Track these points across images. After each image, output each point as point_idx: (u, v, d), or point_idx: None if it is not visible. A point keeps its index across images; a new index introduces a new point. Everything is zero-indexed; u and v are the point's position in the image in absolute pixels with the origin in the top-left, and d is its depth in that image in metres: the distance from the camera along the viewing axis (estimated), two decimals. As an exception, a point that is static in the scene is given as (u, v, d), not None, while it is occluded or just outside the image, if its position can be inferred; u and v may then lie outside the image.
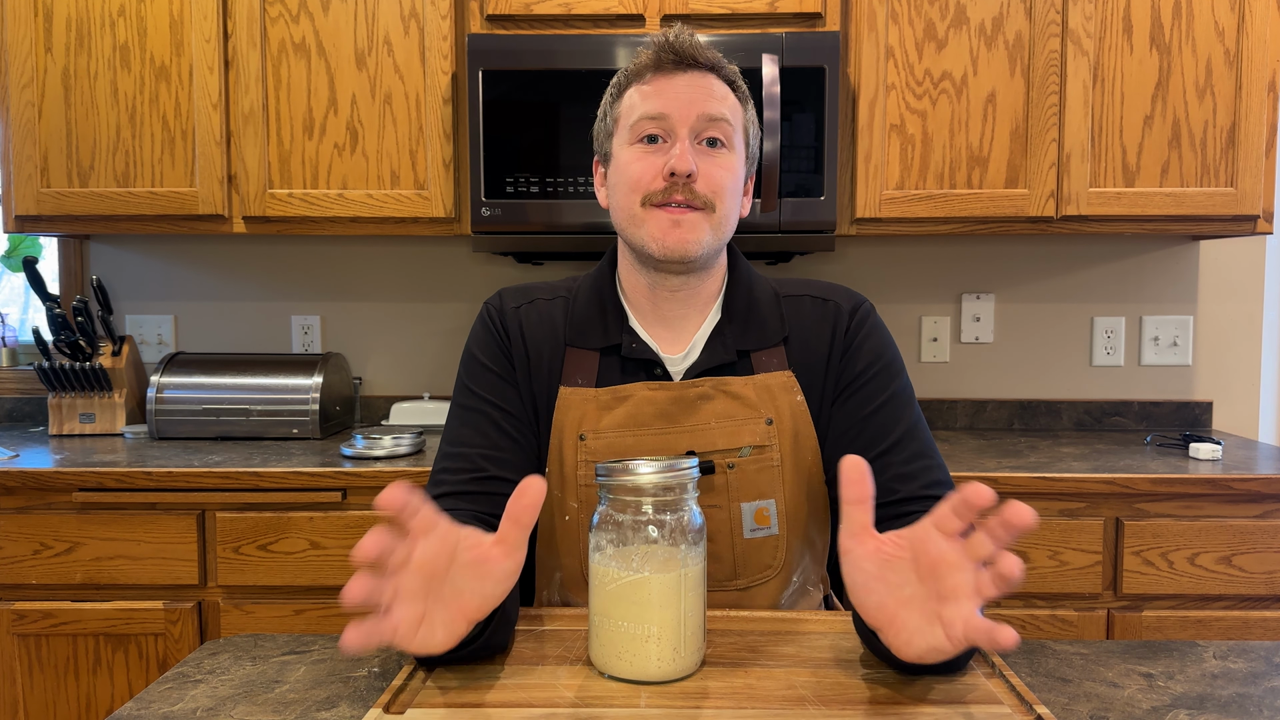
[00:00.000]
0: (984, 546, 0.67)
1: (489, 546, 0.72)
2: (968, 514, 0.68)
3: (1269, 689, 0.81)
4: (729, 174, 1.02)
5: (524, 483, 0.70)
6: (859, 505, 0.72)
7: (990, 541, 0.67)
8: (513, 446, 1.03)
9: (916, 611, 0.71)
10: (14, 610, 1.74)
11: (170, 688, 0.81)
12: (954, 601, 0.69)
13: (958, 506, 0.68)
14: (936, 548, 0.69)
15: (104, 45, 1.99)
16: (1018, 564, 0.65)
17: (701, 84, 1.01)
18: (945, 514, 0.69)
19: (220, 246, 2.37)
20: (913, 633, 0.71)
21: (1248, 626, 1.73)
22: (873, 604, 0.73)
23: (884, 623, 0.73)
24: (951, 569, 0.69)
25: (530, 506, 0.70)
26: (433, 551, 0.70)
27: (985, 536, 0.67)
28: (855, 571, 0.73)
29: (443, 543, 0.71)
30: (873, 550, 0.72)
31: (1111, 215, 1.96)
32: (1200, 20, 1.94)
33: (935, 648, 0.70)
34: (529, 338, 1.07)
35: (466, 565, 0.71)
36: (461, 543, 0.72)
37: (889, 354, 1.06)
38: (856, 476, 0.71)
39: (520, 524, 0.71)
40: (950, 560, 0.69)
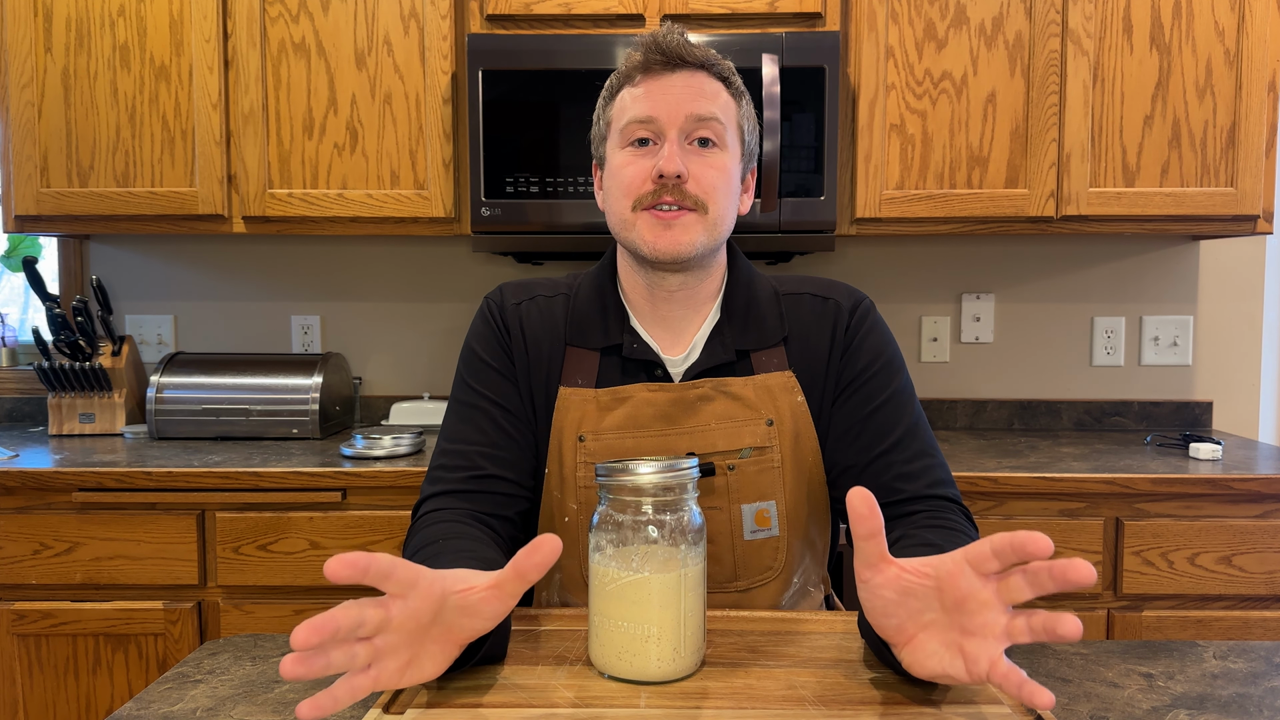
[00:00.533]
0: (1021, 593, 0.64)
1: (482, 590, 0.69)
2: (1012, 558, 0.64)
3: (1269, 689, 0.81)
4: (720, 173, 1.01)
5: (540, 540, 0.68)
6: (871, 540, 0.69)
7: (1029, 589, 0.64)
8: (511, 444, 1.03)
9: (937, 637, 0.70)
10: (14, 610, 1.74)
11: (170, 688, 0.81)
12: (980, 639, 0.67)
13: (1003, 550, 0.64)
14: (967, 584, 0.67)
15: (104, 45, 1.99)
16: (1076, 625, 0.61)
17: (691, 83, 1.00)
18: (984, 554, 0.65)
19: (220, 246, 2.37)
20: (929, 655, 0.70)
21: (1248, 626, 1.73)
22: (892, 626, 0.71)
23: (901, 642, 0.72)
24: (981, 607, 0.66)
25: (540, 565, 0.68)
26: (415, 609, 0.68)
27: (1025, 583, 0.64)
28: (873, 597, 0.71)
29: (426, 598, 0.68)
30: (893, 578, 0.70)
31: (1111, 215, 1.96)
32: (1200, 20, 1.94)
33: (949, 675, 0.68)
34: (529, 335, 1.07)
35: (456, 609, 0.70)
36: (450, 590, 0.69)
37: (889, 352, 1.06)
38: (866, 511, 0.68)
39: (523, 579, 0.68)
40: (981, 599, 0.66)
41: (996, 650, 0.66)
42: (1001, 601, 0.66)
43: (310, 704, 0.62)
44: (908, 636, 0.71)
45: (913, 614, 0.70)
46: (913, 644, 0.71)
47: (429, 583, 0.68)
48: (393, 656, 0.68)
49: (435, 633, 0.70)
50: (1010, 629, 0.65)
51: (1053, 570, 0.62)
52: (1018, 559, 0.64)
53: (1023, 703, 0.62)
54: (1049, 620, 0.62)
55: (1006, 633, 0.66)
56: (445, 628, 0.70)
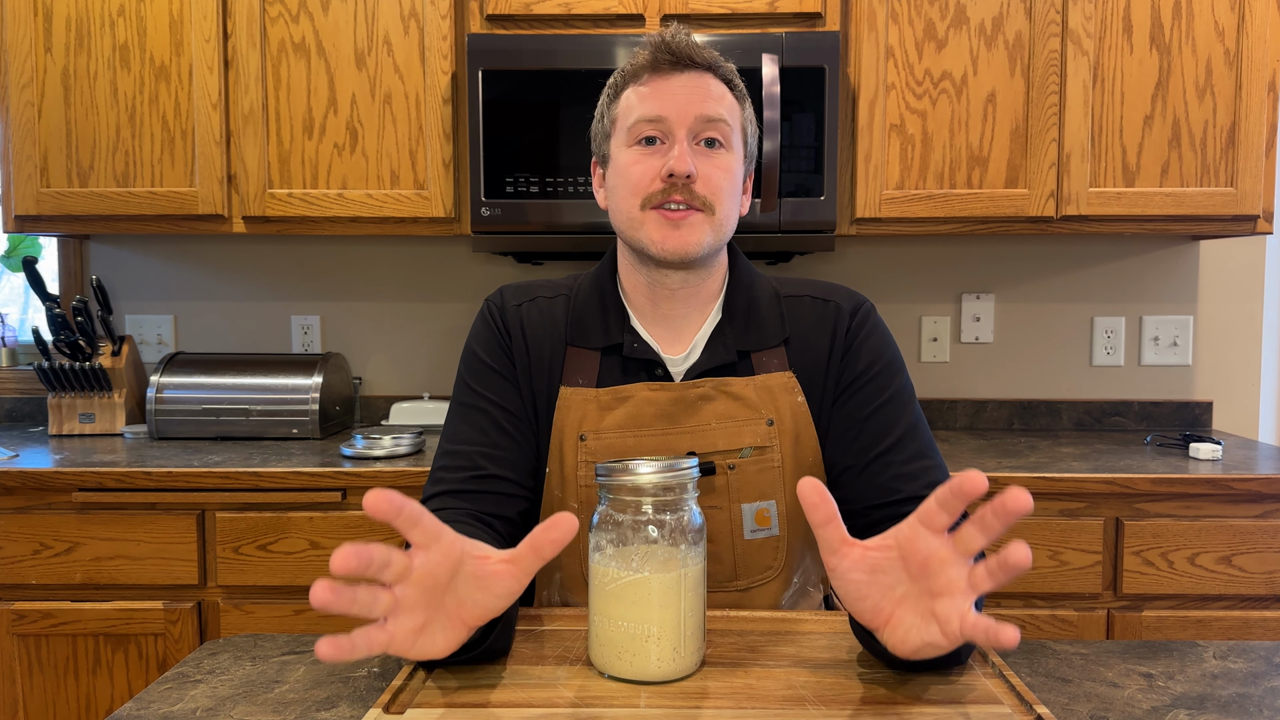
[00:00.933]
0: (974, 540, 0.67)
1: (497, 563, 0.70)
2: (957, 505, 0.66)
3: (1269, 689, 0.81)
4: (727, 174, 1.01)
5: (557, 517, 0.68)
6: (828, 525, 0.70)
7: (981, 534, 0.66)
8: (512, 445, 1.03)
9: (911, 609, 0.71)
10: (14, 610, 1.74)
11: (170, 688, 0.81)
12: (947, 597, 0.68)
13: (945, 498, 0.67)
14: (925, 545, 0.69)
15: (104, 45, 1.99)
16: (1025, 551, 0.63)
17: (699, 84, 1.01)
18: (932, 509, 0.68)
19: (220, 246, 2.37)
20: (908, 630, 0.71)
21: (1248, 626, 1.73)
22: (867, 608, 0.72)
23: (880, 623, 0.73)
24: (943, 565, 0.68)
25: (556, 542, 0.68)
26: (435, 564, 0.68)
27: (975, 530, 0.66)
28: (844, 583, 0.72)
29: (446, 555, 0.69)
30: (858, 559, 0.71)
31: (1111, 215, 1.96)
32: (1200, 20, 1.94)
33: (930, 643, 0.70)
34: (530, 336, 1.07)
35: (471, 577, 0.70)
36: (467, 555, 0.70)
37: (889, 354, 1.06)
38: (817, 499, 0.69)
39: (539, 555, 0.69)
40: (941, 556, 0.68)
41: (965, 605, 0.68)
42: (960, 556, 0.68)
43: (329, 642, 0.63)
44: (885, 616, 0.72)
45: (885, 591, 0.71)
46: (891, 623, 0.72)
47: (450, 540, 0.69)
48: (409, 614, 0.68)
49: (448, 603, 0.70)
50: (973, 580, 0.67)
51: (993, 508, 0.64)
52: (960, 503, 0.66)
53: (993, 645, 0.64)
54: (1000, 556, 0.64)
55: (970, 585, 0.67)
56: (457, 601, 0.71)
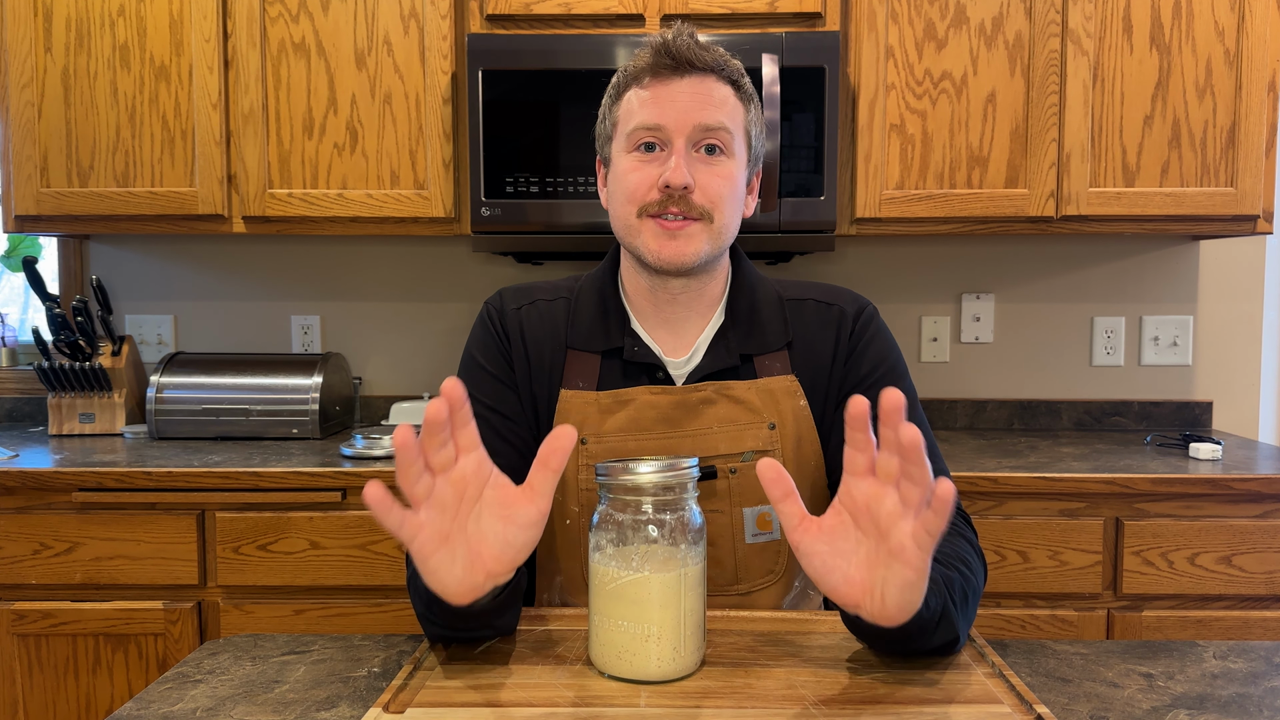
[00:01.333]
0: (888, 463, 0.68)
1: (516, 489, 0.73)
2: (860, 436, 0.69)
3: (1269, 689, 0.81)
4: (727, 182, 1.00)
5: (557, 429, 0.71)
6: (786, 500, 0.71)
7: (890, 454, 0.67)
8: (509, 452, 1.03)
9: (880, 566, 0.71)
10: (14, 610, 1.74)
11: (170, 688, 0.81)
12: (893, 527, 0.69)
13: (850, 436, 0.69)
14: (859, 491, 0.70)
15: (104, 45, 1.99)
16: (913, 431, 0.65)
17: (700, 89, 0.99)
18: (849, 455, 0.70)
19: (220, 246, 2.37)
20: (881, 588, 0.71)
21: (1248, 626, 1.73)
22: (839, 581, 0.72)
23: (857, 595, 0.72)
24: (878, 500, 0.69)
25: (561, 450, 0.70)
26: (470, 471, 0.71)
27: (885, 455, 0.68)
28: (811, 558, 0.72)
29: (479, 467, 0.72)
30: (816, 532, 0.72)
31: (1111, 215, 1.96)
32: (1200, 20, 1.94)
33: (903, 585, 0.69)
34: (529, 339, 1.07)
35: (493, 504, 0.72)
36: (493, 477, 0.73)
37: (893, 357, 1.06)
38: (773, 475, 0.70)
39: (549, 468, 0.71)
40: (873, 493, 0.70)
41: (908, 525, 0.68)
42: (887, 485, 0.69)
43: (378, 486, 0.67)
44: (858, 585, 0.72)
45: (847, 556, 0.72)
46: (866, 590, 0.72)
47: (483, 456, 0.72)
48: (438, 512, 0.71)
49: (471, 530, 0.73)
50: (904, 497, 0.68)
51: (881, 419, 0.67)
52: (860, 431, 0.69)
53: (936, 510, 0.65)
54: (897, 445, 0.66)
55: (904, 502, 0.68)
56: (479, 532, 0.73)
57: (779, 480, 0.71)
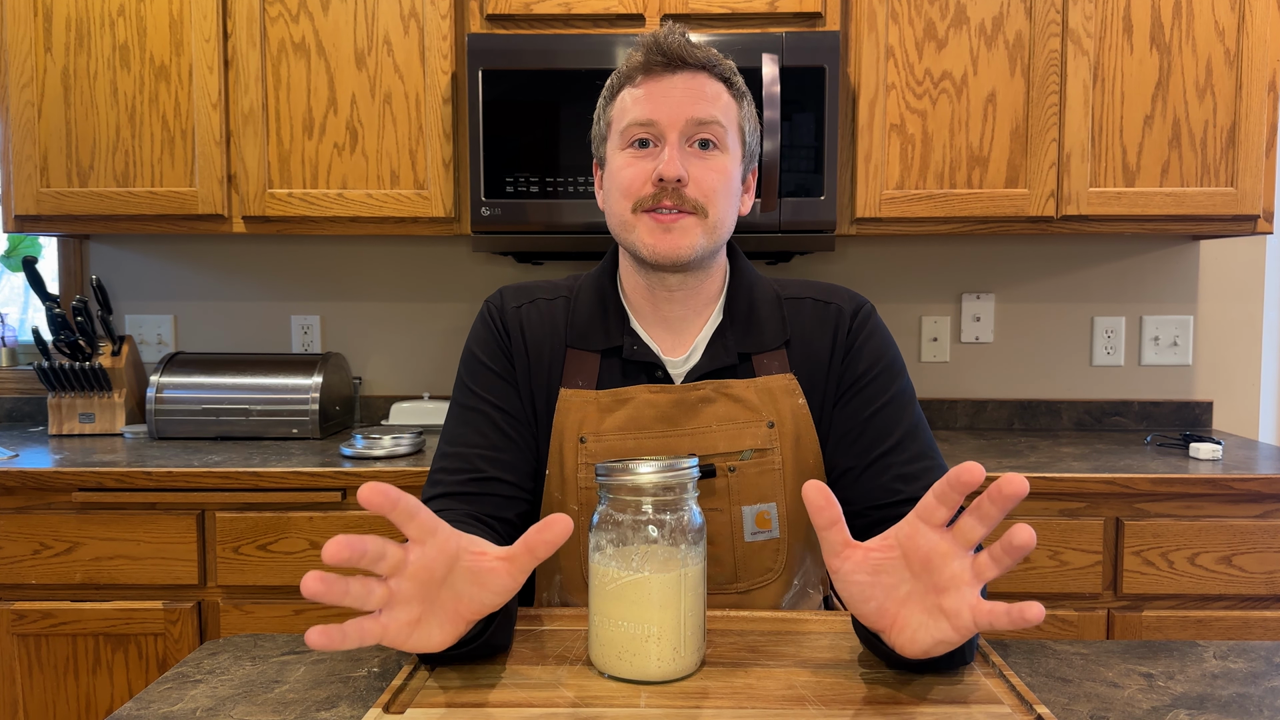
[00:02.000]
0: (973, 531, 0.66)
1: (493, 559, 0.70)
2: (954, 497, 0.66)
3: (1269, 689, 0.81)
4: (720, 176, 1.01)
5: (552, 518, 0.68)
6: (832, 528, 0.70)
7: (979, 524, 0.66)
8: (511, 447, 1.03)
9: (917, 608, 0.70)
10: (14, 610, 1.74)
11: (170, 688, 0.81)
12: (953, 590, 0.68)
13: (943, 492, 0.67)
14: (926, 542, 0.69)
15: (104, 45, 1.99)
16: (1029, 532, 0.62)
17: (692, 85, 1.00)
18: (930, 504, 0.68)
19: (220, 246, 2.37)
20: (916, 629, 0.71)
21: (1248, 626, 1.73)
22: (871, 610, 0.72)
23: (885, 625, 0.72)
24: (945, 559, 0.68)
25: (551, 543, 0.68)
26: (431, 558, 0.68)
27: (974, 520, 0.66)
28: (847, 585, 0.72)
29: (442, 550, 0.69)
30: (860, 561, 0.71)
31: (1111, 215, 1.96)
32: (1200, 20, 1.94)
33: (941, 640, 0.69)
34: (529, 338, 1.07)
35: (467, 572, 0.70)
36: (464, 550, 0.70)
37: (890, 355, 1.06)
38: (823, 502, 0.69)
39: (534, 555, 0.69)
40: (941, 550, 0.68)
41: (972, 596, 0.67)
42: (961, 548, 0.68)
43: (320, 631, 0.63)
44: (890, 617, 0.72)
45: (888, 591, 0.71)
46: (898, 624, 0.72)
47: (446, 536, 0.69)
48: (404, 607, 0.68)
49: (445, 597, 0.70)
50: (977, 569, 0.67)
51: (990, 495, 0.64)
52: (958, 494, 0.66)
53: (1017, 625, 0.64)
54: (1004, 540, 0.64)
55: (975, 574, 0.67)
56: (454, 595, 0.70)
57: (827, 508, 0.69)
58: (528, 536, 0.69)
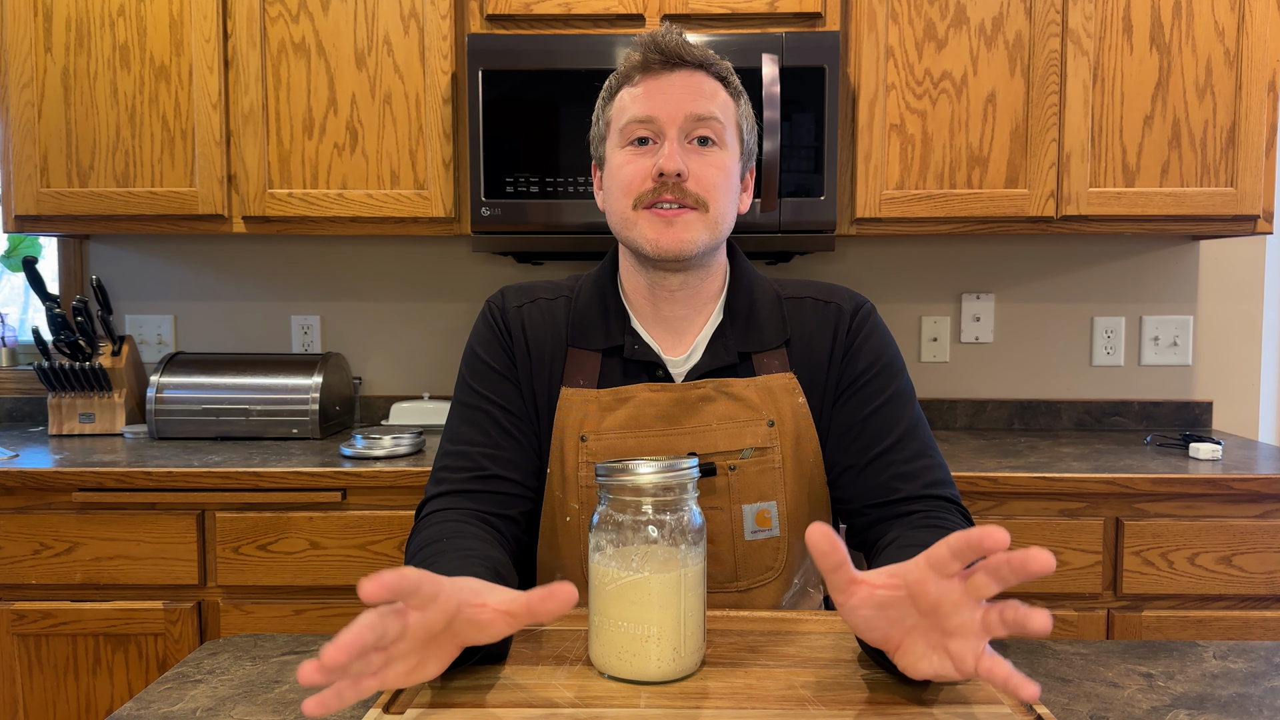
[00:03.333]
0: (986, 589, 0.65)
1: (493, 611, 0.69)
2: (971, 556, 0.64)
3: (1269, 689, 0.81)
4: (720, 172, 1.01)
5: (558, 587, 0.67)
6: (838, 571, 0.68)
7: (994, 584, 0.64)
8: (513, 445, 1.03)
9: (922, 640, 0.70)
10: (14, 610, 1.74)
11: (170, 688, 0.81)
12: (960, 638, 0.67)
13: (961, 549, 0.64)
14: (935, 589, 0.67)
15: (104, 45, 1.99)
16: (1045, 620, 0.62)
17: (690, 83, 1.01)
18: (944, 557, 0.66)
19: (220, 246, 2.37)
20: (919, 658, 0.70)
21: (1248, 626, 1.73)
22: (878, 638, 0.72)
23: (891, 649, 0.72)
24: (954, 608, 0.67)
25: (553, 613, 0.67)
26: (432, 620, 0.67)
27: (989, 579, 0.64)
28: (853, 617, 0.71)
29: (443, 611, 0.68)
30: (866, 596, 0.70)
31: (1111, 215, 1.96)
32: (1200, 20, 1.94)
33: (942, 675, 0.69)
34: (531, 337, 1.07)
35: (467, 622, 0.69)
36: (465, 603, 0.69)
37: (889, 354, 1.07)
38: (827, 548, 0.66)
39: (535, 618, 0.68)
40: (952, 600, 0.67)
41: (979, 646, 0.67)
42: (972, 600, 0.66)
43: (316, 702, 0.62)
44: (895, 643, 0.71)
45: (894, 622, 0.70)
46: (902, 649, 0.71)
47: (448, 595, 0.68)
48: (403, 661, 0.68)
49: (443, 638, 0.70)
50: (986, 623, 0.66)
51: (1011, 562, 0.62)
52: (976, 555, 0.64)
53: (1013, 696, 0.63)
54: (1019, 616, 0.64)
55: (984, 627, 0.66)
56: (452, 635, 0.70)
57: (831, 554, 0.67)
58: (531, 599, 0.67)
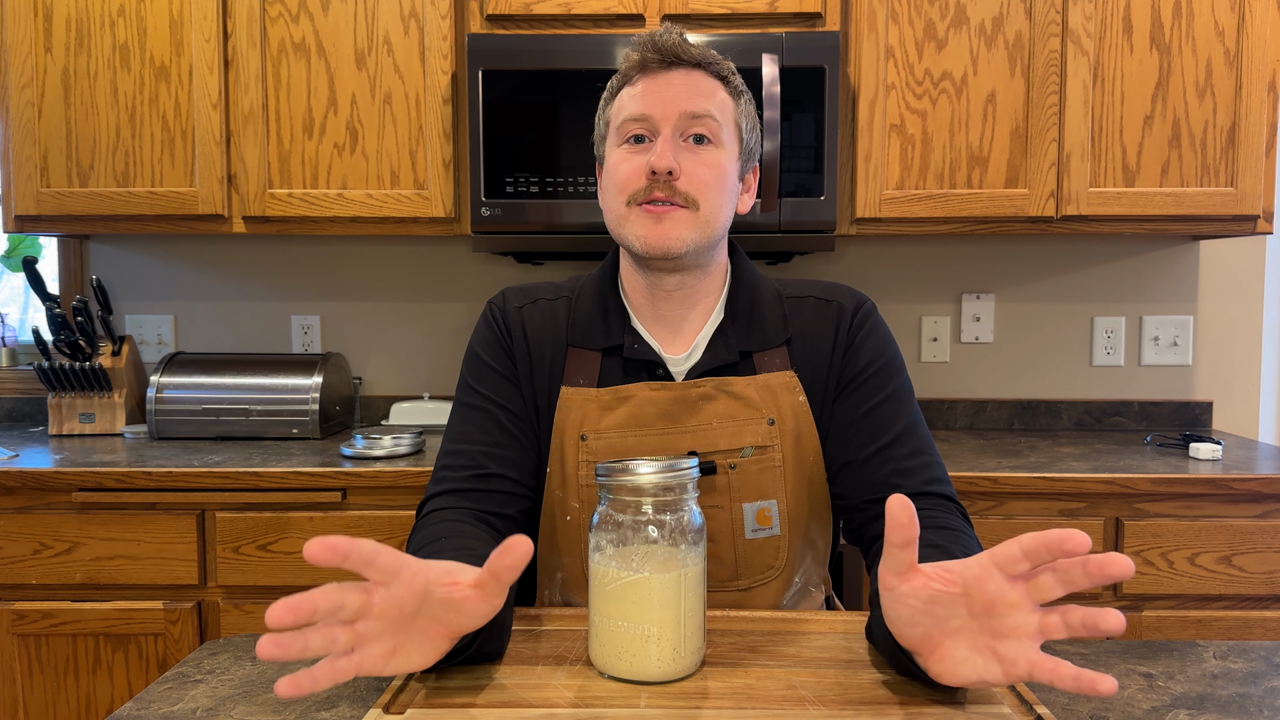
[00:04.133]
0: (1052, 591, 0.64)
1: (466, 588, 0.69)
2: (1045, 557, 0.63)
3: (1269, 689, 0.81)
4: (713, 170, 1.01)
5: (510, 541, 0.66)
6: (905, 548, 0.67)
7: (1061, 587, 0.63)
8: (514, 444, 1.04)
9: (965, 643, 0.69)
10: (14, 610, 1.74)
11: (170, 688, 0.81)
12: (1014, 640, 0.66)
13: (1033, 549, 0.63)
14: (995, 588, 0.66)
15: (104, 45, 1.99)
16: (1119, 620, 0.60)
17: (687, 81, 1.01)
18: (1013, 555, 0.65)
19: (220, 246, 2.37)
20: (959, 662, 0.69)
21: (1248, 626, 1.73)
22: (917, 635, 0.71)
23: (927, 651, 0.71)
24: (1011, 608, 0.66)
25: (512, 568, 0.66)
26: (398, 597, 0.67)
27: (1056, 581, 0.63)
28: (899, 606, 0.70)
29: (409, 588, 0.67)
30: (919, 586, 0.69)
31: (1111, 215, 1.96)
32: (1200, 20, 1.94)
33: (986, 680, 0.68)
34: (531, 337, 1.07)
35: (442, 602, 0.69)
36: (434, 581, 0.68)
37: (889, 353, 1.07)
38: (905, 520, 0.66)
39: (499, 580, 0.67)
40: (1010, 600, 0.66)
41: (1033, 649, 0.65)
42: (1031, 601, 0.65)
43: (289, 682, 0.62)
44: (934, 645, 0.70)
45: (938, 621, 0.69)
46: (940, 652, 0.70)
47: (412, 573, 0.68)
48: (376, 643, 0.67)
49: (422, 624, 0.70)
50: (1044, 626, 0.65)
51: (1088, 566, 0.61)
52: (1051, 557, 0.63)
53: (1083, 693, 0.61)
54: (1088, 617, 0.62)
55: (1040, 630, 0.65)
56: (432, 620, 0.70)
57: (909, 526, 0.66)
58: (490, 562, 0.67)
